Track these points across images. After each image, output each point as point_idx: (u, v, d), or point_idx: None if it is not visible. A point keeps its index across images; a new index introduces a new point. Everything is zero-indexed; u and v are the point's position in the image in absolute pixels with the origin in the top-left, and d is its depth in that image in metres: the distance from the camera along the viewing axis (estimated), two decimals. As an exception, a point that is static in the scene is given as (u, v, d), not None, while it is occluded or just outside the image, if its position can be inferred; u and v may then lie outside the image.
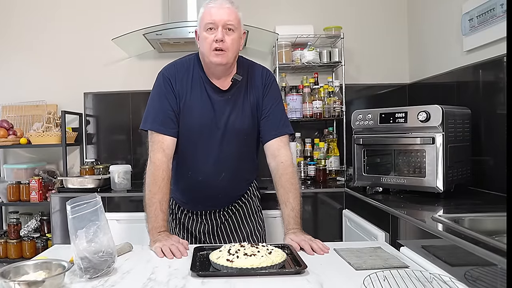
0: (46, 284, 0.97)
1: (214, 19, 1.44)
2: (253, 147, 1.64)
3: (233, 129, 1.55)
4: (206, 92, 1.54)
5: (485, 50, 1.98)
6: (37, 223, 2.80)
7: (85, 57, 2.97)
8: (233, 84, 1.55)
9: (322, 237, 1.43)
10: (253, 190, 1.74)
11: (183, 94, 1.53)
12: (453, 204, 1.68)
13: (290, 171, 1.54)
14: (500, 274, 0.95)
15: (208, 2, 1.49)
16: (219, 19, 1.44)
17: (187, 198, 1.67)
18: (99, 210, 1.11)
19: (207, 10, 1.47)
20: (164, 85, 1.53)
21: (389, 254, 1.27)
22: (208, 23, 1.45)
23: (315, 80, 2.77)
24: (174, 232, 1.70)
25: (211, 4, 1.47)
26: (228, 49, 1.45)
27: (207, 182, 1.57)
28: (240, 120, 1.55)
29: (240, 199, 1.69)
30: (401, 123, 1.88)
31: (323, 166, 2.64)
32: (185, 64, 1.57)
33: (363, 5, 2.95)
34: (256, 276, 1.09)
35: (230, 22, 1.45)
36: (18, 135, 2.79)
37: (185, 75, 1.55)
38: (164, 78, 1.54)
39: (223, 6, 1.45)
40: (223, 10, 1.44)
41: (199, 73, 1.55)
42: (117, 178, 2.50)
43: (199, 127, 1.53)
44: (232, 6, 1.47)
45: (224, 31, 1.44)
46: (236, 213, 1.68)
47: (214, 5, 1.46)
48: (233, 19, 1.46)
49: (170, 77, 1.54)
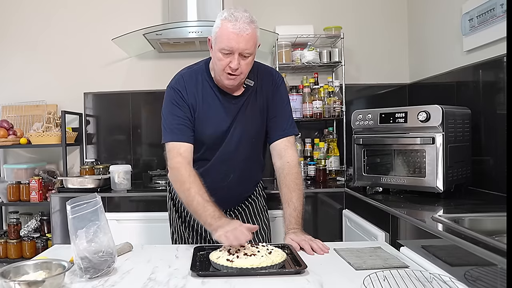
0: (46, 284, 0.97)
1: (232, 47, 1.38)
2: (260, 148, 1.65)
3: (244, 134, 1.55)
4: (219, 100, 1.53)
5: (485, 50, 1.98)
6: (37, 223, 2.80)
7: (85, 57, 2.97)
8: (246, 90, 1.55)
9: (322, 237, 1.43)
10: (259, 190, 1.75)
11: (195, 105, 1.51)
12: (453, 204, 1.68)
13: (295, 171, 1.56)
14: (500, 274, 0.95)
15: (227, 19, 1.38)
16: (237, 48, 1.37)
17: None
18: (99, 210, 1.12)
19: (225, 31, 1.37)
20: (175, 97, 1.51)
21: (389, 254, 1.27)
22: (224, 48, 1.38)
23: (315, 80, 2.77)
24: (179, 230, 1.70)
25: (231, 26, 1.37)
26: (242, 72, 1.44)
27: (215, 185, 1.55)
28: (251, 124, 1.56)
29: (247, 199, 1.70)
30: (401, 123, 1.88)
31: (323, 166, 2.64)
32: (193, 75, 1.54)
33: (363, 5, 2.95)
34: (256, 276, 1.09)
35: (247, 50, 1.39)
36: (18, 135, 2.79)
37: (195, 86, 1.52)
38: (174, 91, 1.52)
39: (243, 33, 1.36)
40: (243, 38, 1.37)
41: (208, 82, 1.53)
42: (117, 178, 2.50)
43: (212, 134, 1.53)
44: (252, 29, 1.38)
45: (240, 57, 1.40)
46: (242, 212, 1.69)
47: (234, 30, 1.36)
48: (251, 46, 1.40)
49: (181, 89, 1.51)
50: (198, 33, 2.48)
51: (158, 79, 2.83)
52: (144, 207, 2.36)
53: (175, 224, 1.72)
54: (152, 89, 2.87)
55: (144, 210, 2.34)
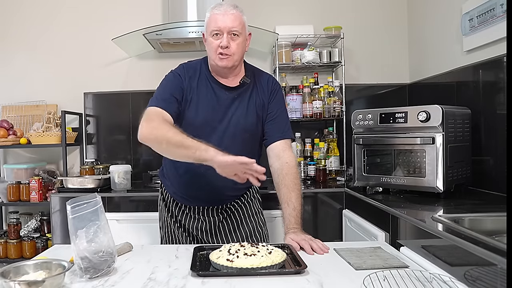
0: (46, 284, 0.97)
1: (219, 26, 1.48)
2: (255, 148, 1.65)
3: (236, 126, 1.57)
4: (212, 89, 1.58)
5: (485, 50, 1.98)
6: (37, 223, 2.80)
7: (85, 57, 2.97)
8: (241, 85, 1.60)
9: (322, 237, 1.43)
10: (253, 192, 1.74)
11: (189, 90, 1.57)
12: (453, 204, 1.68)
13: (294, 171, 1.57)
14: (500, 274, 0.95)
15: (214, 7, 1.52)
16: (224, 26, 1.48)
17: (186, 193, 1.66)
18: (99, 210, 1.12)
19: (212, 16, 1.51)
20: (173, 77, 1.59)
21: (389, 254, 1.27)
22: (213, 30, 1.49)
23: (315, 80, 2.77)
24: (173, 230, 1.69)
25: (216, 10, 1.51)
26: (233, 53, 1.51)
27: (206, 176, 1.55)
28: (244, 118, 1.58)
29: (240, 199, 1.69)
30: (401, 123, 1.88)
31: (323, 166, 2.64)
32: (193, 65, 1.63)
33: (363, 5, 2.95)
34: (256, 276, 1.09)
35: (235, 28, 1.49)
36: (18, 135, 2.79)
37: (193, 74, 1.59)
38: (173, 73, 1.60)
39: (227, 12, 1.49)
40: (228, 17, 1.48)
41: (205, 72, 1.60)
42: (117, 178, 2.50)
43: (204, 121, 1.55)
44: (236, 11, 1.51)
45: (229, 36, 1.49)
46: (235, 212, 1.68)
47: (219, 12, 1.49)
48: (238, 24, 1.50)
49: (180, 73, 1.59)
50: (198, 33, 2.48)
51: (158, 79, 2.74)
52: (144, 207, 2.36)
53: (166, 224, 1.71)
54: (152, 89, 2.77)
55: (144, 210, 2.34)
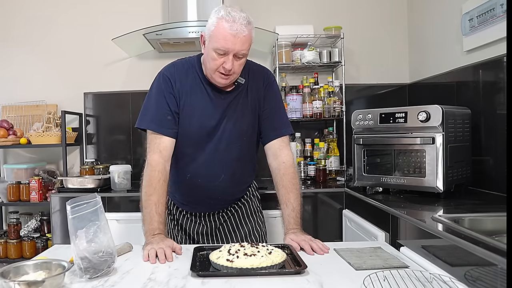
0: (46, 284, 0.97)
1: (227, 48, 1.35)
2: (252, 149, 1.62)
3: (234, 131, 1.52)
4: (207, 94, 1.50)
5: (485, 50, 1.98)
6: (37, 223, 2.80)
7: (85, 57, 2.97)
8: (236, 87, 1.53)
9: (322, 237, 1.43)
10: (252, 191, 1.73)
11: (182, 94, 1.49)
12: (453, 204, 1.68)
13: (291, 171, 1.54)
14: (500, 274, 0.95)
15: (225, 16, 1.35)
16: (233, 49, 1.36)
17: (186, 200, 1.65)
18: (99, 210, 1.11)
19: (222, 30, 1.34)
20: (163, 84, 1.49)
21: (389, 254, 1.27)
22: (220, 49, 1.36)
23: (315, 80, 2.77)
24: (172, 233, 1.69)
25: (227, 24, 1.34)
26: (235, 72, 1.43)
27: (206, 184, 1.55)
28: (240, 122, 1.53)
29: (240, 200, 1.68)
30: (401, 123, 1.88)
31: (323, 166, 2.64)
32: (185, 65, 1.53)
33: (363, 5, 2.95)
34: (256, 276, 1.09)
35: (243, 51, 1.38)
36: (18, 135, 2.79)
37: (185, 75, 1.51)
38: (163, 77, 1.50)
39: (240, 35, 1.34)
40: (239, 40, 1.35)
41: (199, 74, 1.51)
42: (117, 178, 2.50)
43: (200, 128, 1.50)
44: (248, 31, 1.37)
45: (234, 58, 1.39)
46: (235, 214, 1.67)
47: (231, 31, 1.33)
48: (247, 46, 1.39)
49: (170, 76, 1.50)
50: (198, 33, 2.48)
51: (158, 79, 2.82)
52: (144, 207, 2.36)
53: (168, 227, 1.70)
54: (152, 89, 2.87)
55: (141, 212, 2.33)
